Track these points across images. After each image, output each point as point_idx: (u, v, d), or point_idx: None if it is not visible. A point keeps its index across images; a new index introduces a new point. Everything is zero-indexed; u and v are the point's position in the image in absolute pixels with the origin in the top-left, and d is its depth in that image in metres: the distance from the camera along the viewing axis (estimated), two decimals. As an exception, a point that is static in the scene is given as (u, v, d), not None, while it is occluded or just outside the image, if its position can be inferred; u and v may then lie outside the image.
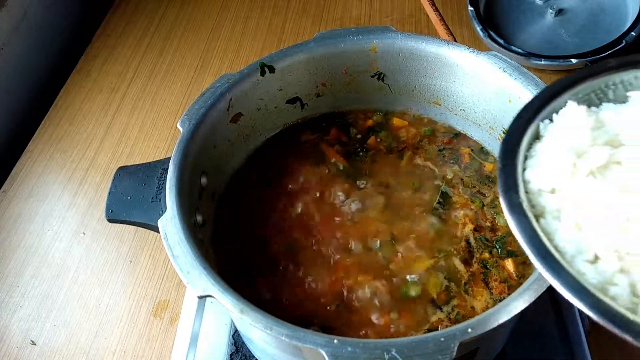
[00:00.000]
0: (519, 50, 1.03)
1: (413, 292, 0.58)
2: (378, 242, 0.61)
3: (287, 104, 0.73)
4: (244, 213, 0.65)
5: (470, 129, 0.71)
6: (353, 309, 0.57)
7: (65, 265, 0.88)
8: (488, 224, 0.63)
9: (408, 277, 0.59)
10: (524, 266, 0.60)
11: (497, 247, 0.61)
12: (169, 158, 0.60)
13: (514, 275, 0.59)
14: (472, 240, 0.62)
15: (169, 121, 1.07)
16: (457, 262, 0.60)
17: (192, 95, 1.10)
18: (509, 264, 0.60)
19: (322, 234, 0.63)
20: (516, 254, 0.61)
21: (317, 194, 0.66)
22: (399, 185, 0.67)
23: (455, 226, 0.63)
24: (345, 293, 0.58)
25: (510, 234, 0.62)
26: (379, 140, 0.71)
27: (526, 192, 0.45)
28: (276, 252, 0.62)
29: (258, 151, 0.71)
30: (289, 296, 0.58)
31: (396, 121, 0.73)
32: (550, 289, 0.49)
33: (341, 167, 0.68)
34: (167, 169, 0.59)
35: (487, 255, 0.61)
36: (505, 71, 0.64)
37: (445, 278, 0.59)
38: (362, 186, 0.66)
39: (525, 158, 0.48)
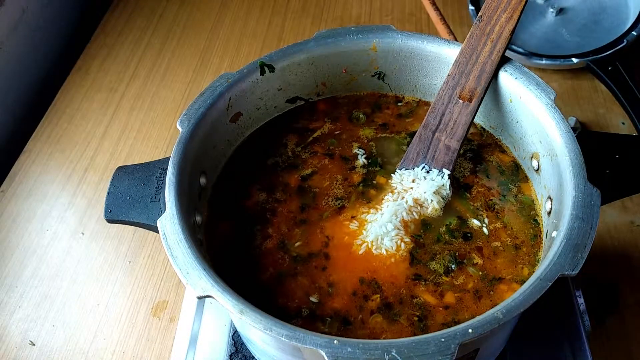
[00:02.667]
0: (520, 50, 1.02)
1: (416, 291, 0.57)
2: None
3: (287, 104, 0.73)
4: (244, 213, 0.65)
5: (471, 128, 0.71)
6: (356, 304, 0.57)
7: (64, 265, 0.87)
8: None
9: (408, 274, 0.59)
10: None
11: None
12: (168, 158, 0.60)
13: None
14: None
15: (168, 121, 1.06)
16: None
17: (191, 94, 1.10)
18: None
19: (323, 233, 0.62)
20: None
21: (317, 193, 0.66)
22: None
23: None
24: (347, 291, 0.58)
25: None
26: (378, 139, 0.71)
27: None
28: (276, 252, 0.62)
29: (257, 151, 0.70)
30: (289, 296, 0.58)
31: (397, 121, 0.73)
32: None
33: (339, 167, 0.68)
34: (167, 168, 0.58)
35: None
36: (505, 71, 0.64)
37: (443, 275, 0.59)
38: (361, 186, 0.66)
39: None
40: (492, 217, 0.63)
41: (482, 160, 0.68)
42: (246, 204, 0.66)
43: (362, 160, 0.68)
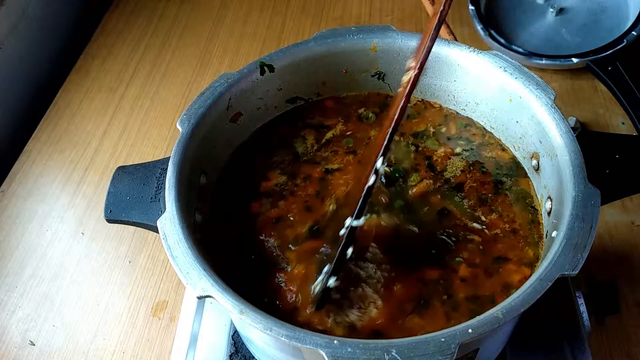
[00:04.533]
0: (520, 50, 1.02)
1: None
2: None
3: (287, 104, 0.73)
4: (244, 213, 0.65)
5: (472, 128, 0.71)
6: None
7: (64, 265, 0.87)
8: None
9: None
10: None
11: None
12: (168, 158, 0.60)
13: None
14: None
15: (168, 121, 1.06)
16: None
17: (191, 94, 1.10)
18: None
19: (324, 233, 0.62)
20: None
21: (318, 194, 0.66)
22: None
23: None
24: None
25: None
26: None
27: None
28: (276, 252, 0.61)
29: (257, 151, 0.70)
30: (289, 296, 0.58)
31: (404, 121, 0.72)
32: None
33: (338, 167, 0.68)
34: (167, 168, 0.58)
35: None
36: (506, 70, 0.64)
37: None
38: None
39: None
40: (493, 218, 0.63)
41: (482, 158, 0.68)
42: (247, 204, 0.66)
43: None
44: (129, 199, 0.61)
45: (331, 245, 0.58)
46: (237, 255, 0.62)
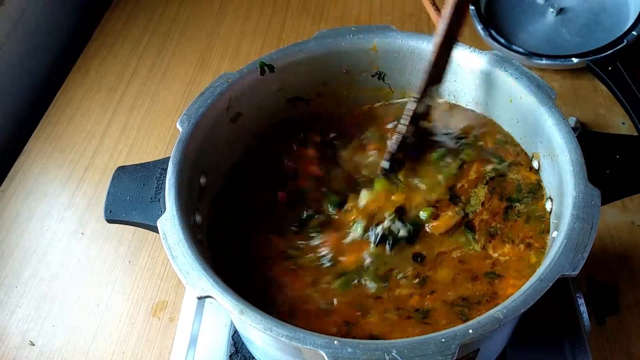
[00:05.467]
0: (520, 50, 1.02)
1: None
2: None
3: (287, 104, 0.73)
4: (244, 213, 0.65)
5: (508, 146, 0.69)
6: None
7: (63, 265, 0.87)
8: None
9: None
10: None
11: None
12: (168, 158, 0.60)
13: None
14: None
15: (168, 120, 1.06)
16: None
17: (191, 94, 1.10)
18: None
19: (323, 233, 0.62)
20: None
21: (317, 194, 0.66)
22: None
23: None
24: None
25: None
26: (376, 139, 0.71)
27: None
28: (275, 253, 0.61)
29: (257, 151, 0.70)
30: (288, 296, 0.58)
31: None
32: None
33: (336, 169, 0.68)
34: (166, 168, 0.58)
35: None
36: (506, 71, 0.64)
37: None
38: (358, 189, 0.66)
39: None
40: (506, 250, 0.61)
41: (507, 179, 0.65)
42: (246, 204, 0.66)
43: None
44: (129, 199, 0.61)
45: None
46: (238, 255, 0.62)
